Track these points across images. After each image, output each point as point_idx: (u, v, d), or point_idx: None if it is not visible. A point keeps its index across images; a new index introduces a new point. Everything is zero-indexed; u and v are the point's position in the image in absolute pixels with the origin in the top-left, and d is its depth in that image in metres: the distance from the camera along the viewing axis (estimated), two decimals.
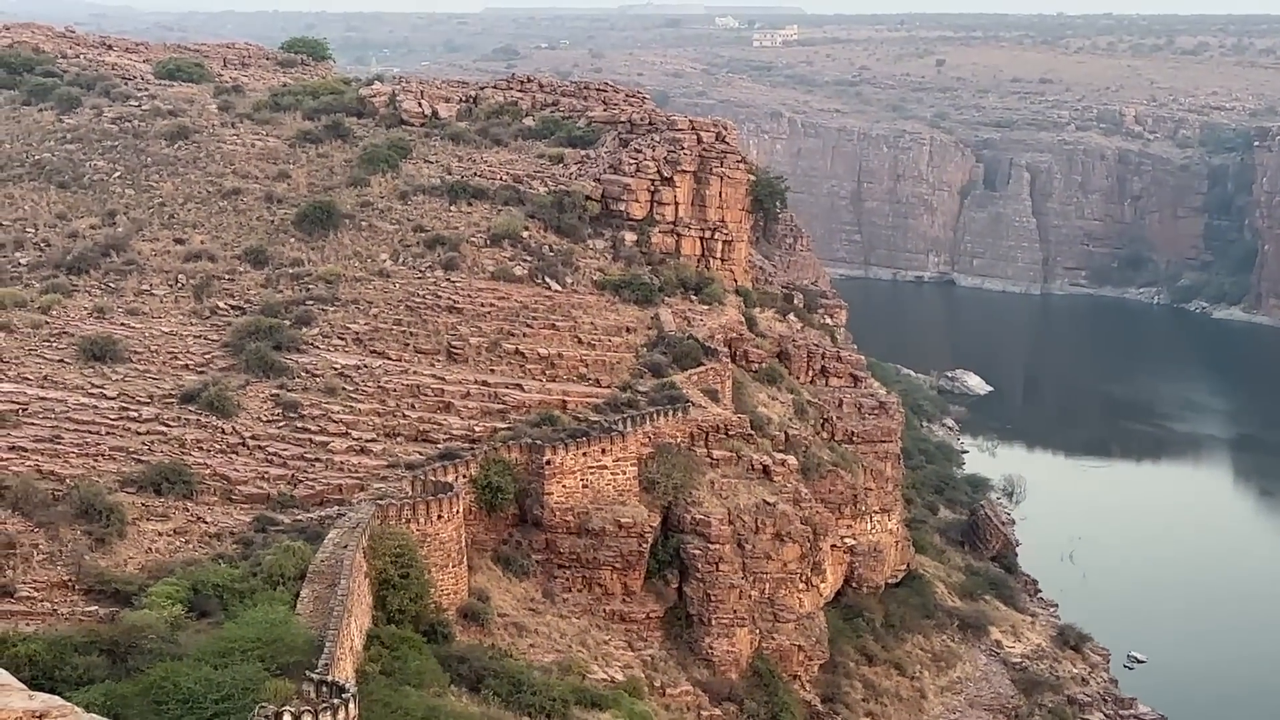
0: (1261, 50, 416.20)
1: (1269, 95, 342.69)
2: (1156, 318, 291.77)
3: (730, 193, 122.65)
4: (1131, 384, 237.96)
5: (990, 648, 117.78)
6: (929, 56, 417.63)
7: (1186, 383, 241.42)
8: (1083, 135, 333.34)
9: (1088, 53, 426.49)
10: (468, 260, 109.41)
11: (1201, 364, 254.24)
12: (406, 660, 70.35)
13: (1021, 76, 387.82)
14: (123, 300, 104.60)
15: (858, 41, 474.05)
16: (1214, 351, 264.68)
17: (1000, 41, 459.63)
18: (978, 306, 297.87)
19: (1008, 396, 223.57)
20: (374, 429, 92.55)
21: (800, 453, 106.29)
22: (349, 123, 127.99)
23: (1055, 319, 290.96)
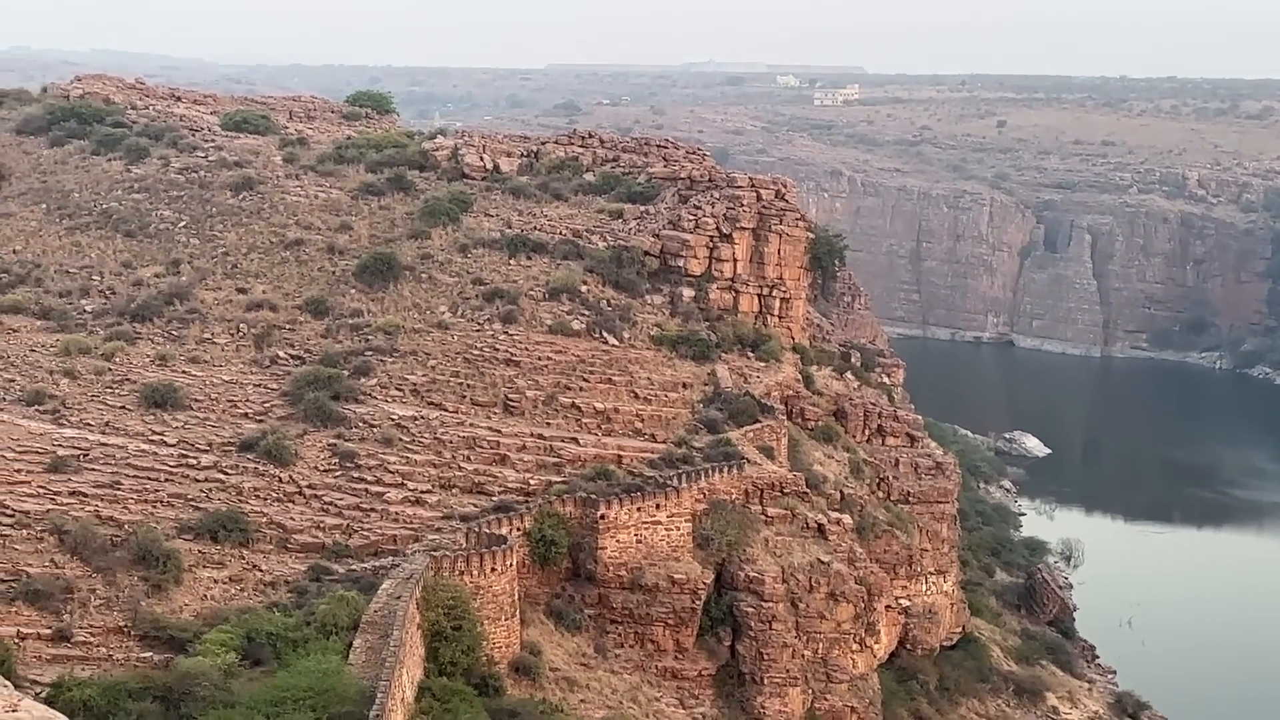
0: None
1: None
2: (1219, 382, 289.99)
3: (789, 250, 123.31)
4: (1193, 449, 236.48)
5: (1047, 714, 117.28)
6: (990, 117, 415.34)
7: (1249, 449, 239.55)
8: (1145, 198, 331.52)
9: (1150, 115, 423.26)
10: (526, 314, 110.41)
11: (1264, 429, 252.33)
12: (458, 713, 71.07)
13: (1083, 139, 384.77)
14: (185, 348, 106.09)
15: (919, 101, 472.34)
16: (1277, 418, 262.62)
17: (1063, 103, 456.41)
18: (1037, 368, 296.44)
19: (1066, 459, 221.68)
20: (429, 480, 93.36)
21: (855, 512, 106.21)
22: (411, 176, 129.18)
23: (1115, 382, 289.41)
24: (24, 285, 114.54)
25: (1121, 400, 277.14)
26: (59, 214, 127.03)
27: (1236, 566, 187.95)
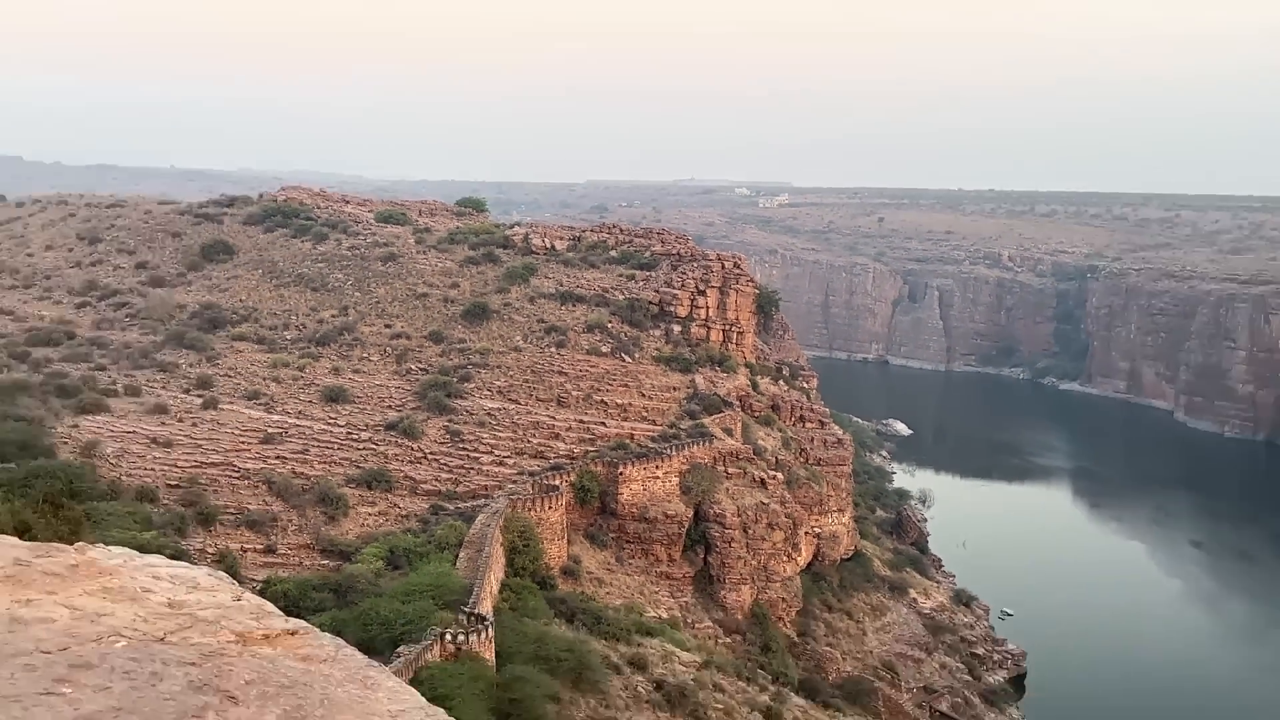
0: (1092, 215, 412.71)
1: (1095, 244, 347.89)
2: (1021, 388, 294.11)
3: (742, 301, 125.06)
4: (1004, 431, 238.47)
5: (909, 603, 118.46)
6: (874, 215, 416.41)
7: (1041, 432, 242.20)
8: (974, 268, 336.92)
9: (978, 214, 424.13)
10: (571, 341, 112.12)
11: (1051, 419, 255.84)
12: (526, 601, 74.01)
13: (934, 230, 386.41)
14: (350, 364, 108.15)
15: (827, 204, 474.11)
16: (1060, 412, 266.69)
17: (920, 206, 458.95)
18: (904, 378, 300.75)
19: (922, 437, 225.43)
20: (508, 449, 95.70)
21: (786, 471, 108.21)
22: (498, 252, 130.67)
23: (954, 387, 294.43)
24: (246, 322, 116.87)
25: (958, 399, 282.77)
26: (269, 276, 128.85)
27: (1035, 507, 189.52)
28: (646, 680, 70.11)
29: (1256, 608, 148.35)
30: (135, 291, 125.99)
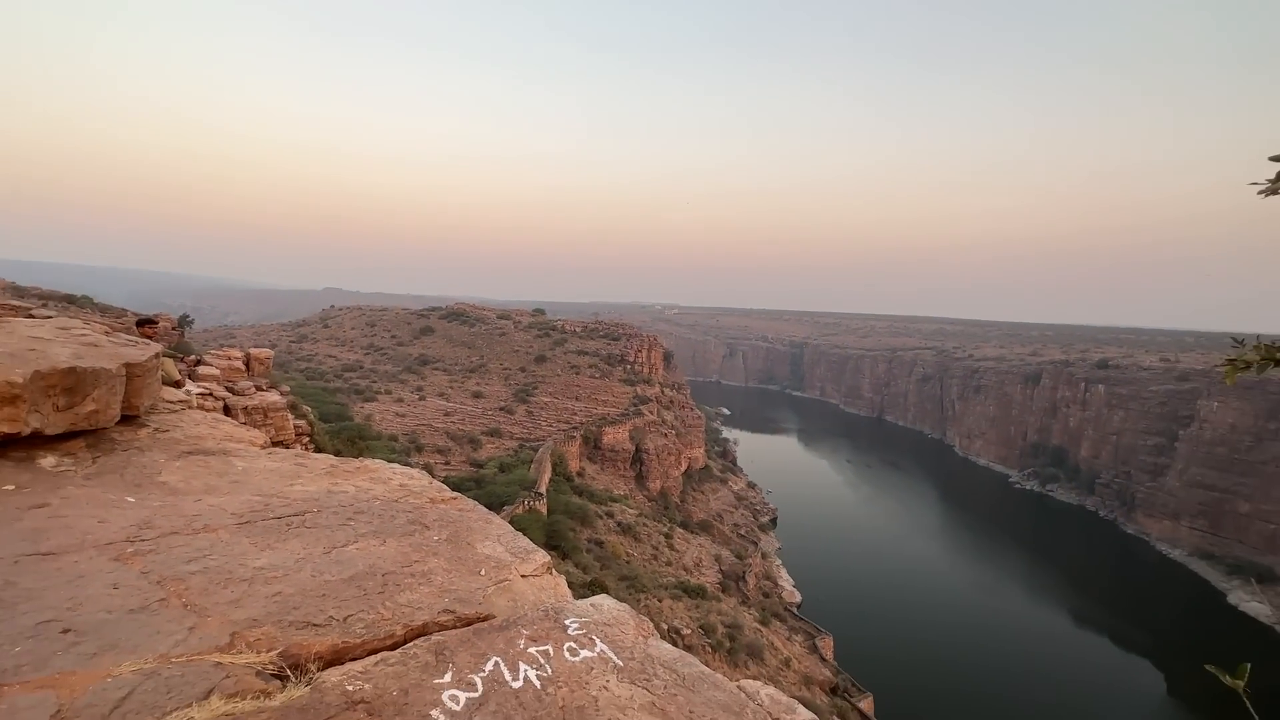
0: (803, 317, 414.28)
1: (804, 332, 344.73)
2: (777, 394, 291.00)
3: (657, 354, 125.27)
4: (769, 413, 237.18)
5: (729, 486, 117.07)
6: (715, 319, 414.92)
7: (785, 412, 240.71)
8: (756, 342, 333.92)
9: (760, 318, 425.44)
10: (582, 372, 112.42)
11: (789, 408, 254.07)
12: (560, 487, 73.31)
13: (742, 325, 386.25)
14: (485, 381, 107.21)
15: (696, 310, 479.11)
16: (793, 404, 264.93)
17: (735, 314, 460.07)
18: (729, 390, 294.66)
19: (736, 415, 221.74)
20: (554, 420, 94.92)
21: (675, 429, 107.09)
22: (550, 332, 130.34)
23: (750, 394, 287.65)
24: (439, 362, 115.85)
25: (754, 399, 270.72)
26: (449, 342, 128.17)
27: (785, 443, 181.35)
28: (614, 521, 70.69)
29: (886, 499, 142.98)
30: (389, 348, 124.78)
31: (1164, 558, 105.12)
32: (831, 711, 47.92)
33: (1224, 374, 2.91)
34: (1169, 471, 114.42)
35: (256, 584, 3.48)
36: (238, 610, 3.21)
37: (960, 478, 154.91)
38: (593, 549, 60.84)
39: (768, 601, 70.50)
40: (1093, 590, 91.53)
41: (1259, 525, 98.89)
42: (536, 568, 4.30)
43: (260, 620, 3.14)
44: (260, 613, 3.21)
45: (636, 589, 53.26)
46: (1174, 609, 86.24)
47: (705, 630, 49.99)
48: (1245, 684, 2.61)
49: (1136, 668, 72.87)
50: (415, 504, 5.03)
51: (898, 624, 77.59)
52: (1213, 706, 61.42)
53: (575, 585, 43.11)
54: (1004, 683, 66.73)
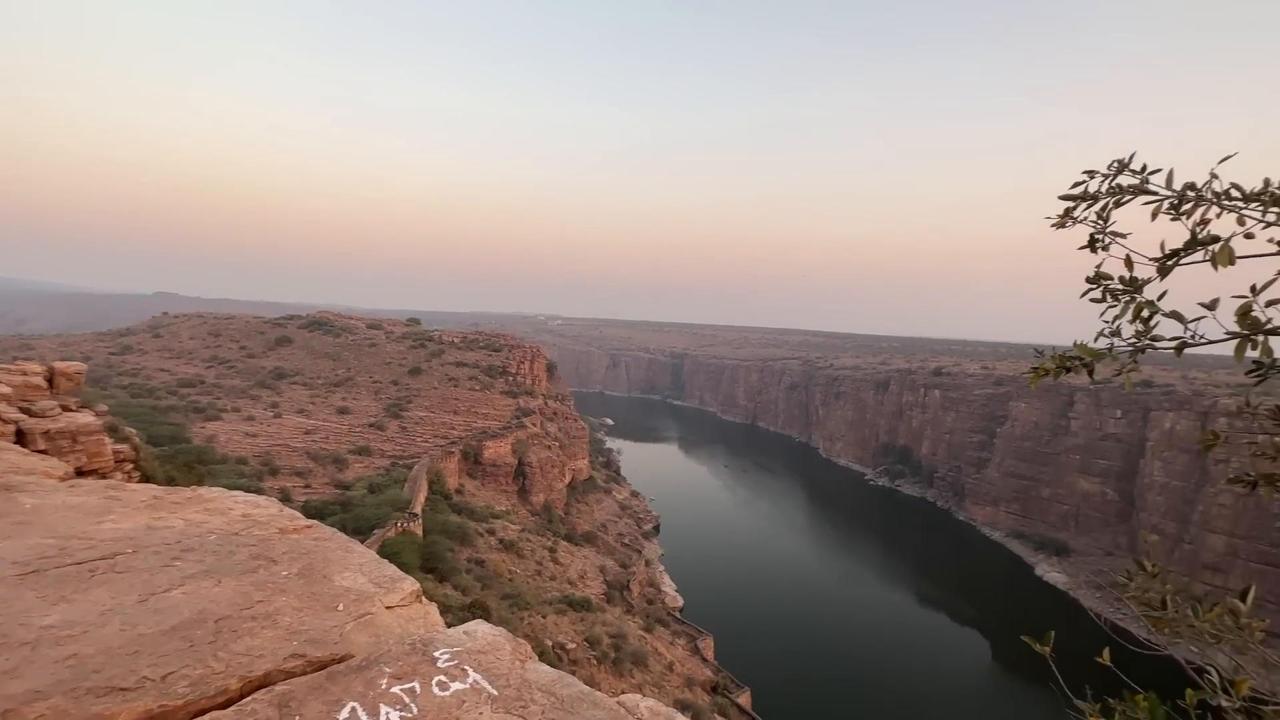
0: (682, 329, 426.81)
1: (685, 344, 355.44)
2: (659, 403, 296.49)
3: (540, 365, 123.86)
4: (651, 421, 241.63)
5: (613, 496, 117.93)
6: (599, 330, 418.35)
7: (668, 422, 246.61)
8: (639, 353, 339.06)
9: (644, 330, 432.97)
10: (461, 384, 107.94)
11: (671, 417, 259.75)
12: (437, 506, 69.81)
13: (625, 337, 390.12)
14: (352, 395, 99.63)
15: (579, 321, 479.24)
16: (674, 413, 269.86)
17: (618, 324, 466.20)
18: (613, 400, 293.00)
19: (619, 425, 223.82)
20: (430, 435, 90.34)
21: (559, 440, 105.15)
22: (426, 343, 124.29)
23: (633, 403, 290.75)
24: (299, 375, 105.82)
25: (637, 407, 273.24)
26: (310, 354, 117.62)
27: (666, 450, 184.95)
28: (496, 539, 68.42)
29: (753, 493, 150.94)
30: (237, 360, 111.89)
31: (987, 539, 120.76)
32: (713, 710, 49.53)
33: (1029, 379, 3.35)
34: (989, 464, 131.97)
35: (43, 646, 2.89)
36: (14, 682, 2.63)
37: (824, 477, 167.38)
38: (473, 569, 58.32)
39: (651, 608, 71.59)
40: (933, 573, 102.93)
41: (1056, 506, 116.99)
42: (404, 597, 3.99)
43: (46, 691, 2.60)
44: (46, 681, 2.65)
45: (520, 607, 51.80)
46: (995, 584, 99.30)
47: (590, 642, 49.69)
48: (1050, 649, 3.03)
49: (967, 638, 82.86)
50: (261, 536, 4.56)
51: (772, 618, 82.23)
52: (1028, 667, 71.45)
53: (454, 608, 40.96)
54: (863, 662, 72.96)
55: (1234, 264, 2.66)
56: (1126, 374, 3.12)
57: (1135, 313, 2.93)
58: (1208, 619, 2.54)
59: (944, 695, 67.53)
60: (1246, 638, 2.47)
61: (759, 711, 54.01)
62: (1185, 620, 2.59)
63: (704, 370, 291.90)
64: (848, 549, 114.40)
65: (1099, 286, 3.06)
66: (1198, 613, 2.57)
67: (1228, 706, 2.28)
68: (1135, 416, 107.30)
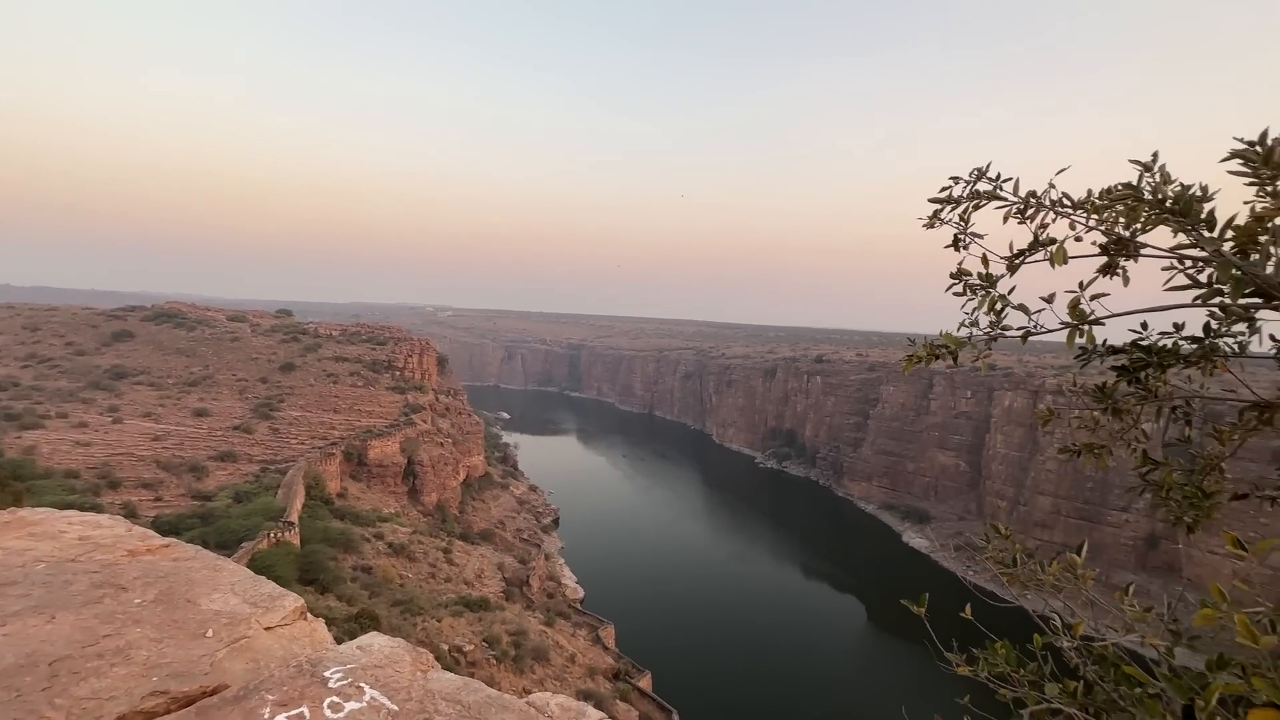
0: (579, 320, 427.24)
1: (582, 335, 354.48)
2: (556, 396, 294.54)
3: (430, 359, 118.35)
4: (549, 414, 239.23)
5: (510, 492, 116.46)
6: (493, 321, 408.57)
7: (566, 414, 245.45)
8: (535, 345, 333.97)
9: (540, 321, 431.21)
10: (341, 380, 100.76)
11: (568, 409, 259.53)
12: (317, 512, 65.18)
13: (521, 329, 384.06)
14: (211, 395, 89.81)
15: (472, 312, 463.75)
16: (571, 405, 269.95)
17: (513, 316, 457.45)
18: (509, 394, 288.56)
19: (516, 418, 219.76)
20: (307, 435, 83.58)
21: (453, 437, 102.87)
22: (300, 336, 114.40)
23: (530, 396, 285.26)
24: (145, 374, 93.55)
25: (531, 402, 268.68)
26: (158, 350, 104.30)
27: (564, 442, 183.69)
28: (384, 543, 64.93)
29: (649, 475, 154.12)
30: (63, 358, 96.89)
31: (862, 512, 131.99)
32: (614, 697, 50.33)
33: (904, 365, 3.65)
34: (864, 444, 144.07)
35: None
36: None
37: (717, 462, 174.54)
38: (360, 577, 54.91)
39: (552, 602, 71.26)
40: (816, 546, 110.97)
41: (919, 479, 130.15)
42: (286, 615, 3.68)
43: None
44: None
45: (413, 612, 49.57)
46: (869, 552, 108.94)
47: (490, 643, 48.62)
48: (924, 609, 3.36)
49: (846, 603, 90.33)
50: (105, 560, 4.02)
51: (672, 601, 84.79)
52: (899, 625, 79.16)
53: (338, 621, 38.41)
54: (756, 634, 77.30)
55: (1067, 263, 3.07)
56: (982, 359, 3.51)
57: (990, 305, 3.30)
58: (1051, 572, 2.95)
59: (829, 658, 73.24)
60: (1081, 585, 2.90)
61: (660, 692, 55.65)
62: (1033, 575, 3.00)
63: (601, 361, 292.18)
64: (740, 529, 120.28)
65: (960, 282, 3.42)
66: (1043, 567, 2.98)
67: (1067, 646, 2.66)
68: (982, 396, 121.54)
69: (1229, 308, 2.69)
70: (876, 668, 70.68)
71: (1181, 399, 3.24)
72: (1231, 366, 2.92)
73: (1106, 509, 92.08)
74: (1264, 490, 3.07)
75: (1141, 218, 2.97)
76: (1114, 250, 3.06)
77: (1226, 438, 3.18)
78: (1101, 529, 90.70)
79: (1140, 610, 2.70)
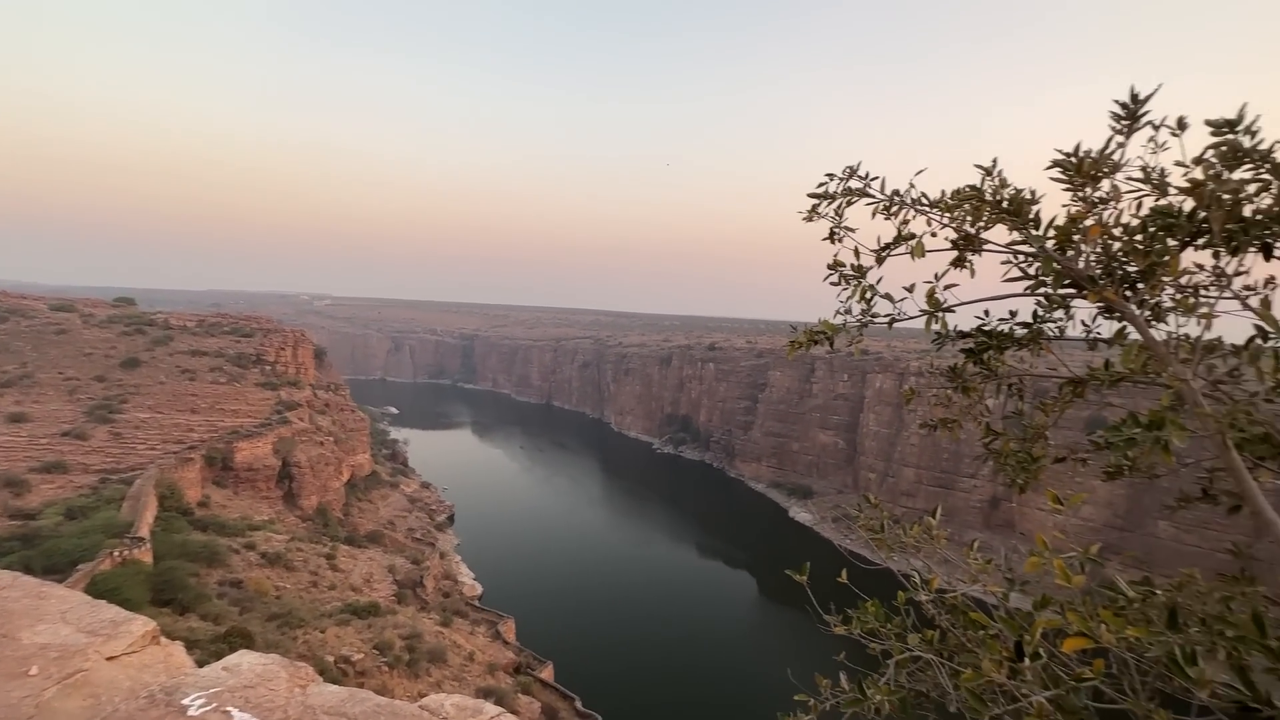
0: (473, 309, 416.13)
1: (475, 325, 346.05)
2: (449, 388, 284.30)
3: (305, 352, 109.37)
4: (441, 408, 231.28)
5: (400, 491, 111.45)
6: (377, 310, 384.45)
7: (458, 406, 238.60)
8: (424, 335, 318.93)
9: (430, 310, 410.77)
10: (200, 377, 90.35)
11: (462, 401, 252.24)
12: (173, 524, 58.79)
13: (410, 318, 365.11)
14: (30, 398, 77.17)
15: (354, 301, 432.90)
16: (464, 397, 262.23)
17: (399, 305, 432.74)
18: (397, 387, 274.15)
19: (405, 413, 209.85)
20: (159, 440, 74.34)
21: (334, 435, 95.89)
22: (146, 328, 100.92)
23: (421, 389, 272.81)
24: None
25: (421, 396, 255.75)
26: None
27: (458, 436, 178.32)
28: (256, 554, 59.53)
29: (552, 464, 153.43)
30: None
31: (752, 491, 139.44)
32: (516, 690, 49.76)
33: (787, 351, 3.87)
34: (754, 426, 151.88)
35: None
36: None
37: (616, 450, 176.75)
38: (228, 592, 49.98)
39: (448, 601, 68.97)
40: (710, 526, 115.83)
41: (803, 457, 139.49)
42: (133, 642, 3.27)
43: None
44: None
45: (292, 625, 45.96)
46: (759, 528, 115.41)
47: (381, 649, 46.24)
48: (806, 577, 3.63)
49: (739, 578, 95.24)
50: None
51: (573, 590, 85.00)
52: (786, 594, 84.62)
53: (203, 643, 34.83)
54: (655, 615, 79.52)
55: (925, 256, 3.40)
56: (855, 345, 3.81)
57: (861, 294, 3.58)
58: (912, 535, 3.29)
59: (724, 631, 76.96)
60: (937, 545, 3.26)
61: (563, 680, 55.79)
62: (898, 539, 3.33)
63: (497, 351, 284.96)
64: (639, 514, 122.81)
65: (836, 272, 3.67)
66: (905, 531, 3.32)
67: (925, 600, 2.98)
68: (857, 379, 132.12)
69: (1051, 297, 3.11)
70: (766, 635, 75.26)
71: (1016, 377, 3.71)
72: (1054, 348, 3.38)
73: (959, 476, 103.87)
74: (1077, 453, 3.59)
75: (984, 217, 3.34)
76: (962, 245, 3.43)
77: (1050, 410, 3.69)
78: (955, 494, 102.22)
79: (983, 562, 3.08)
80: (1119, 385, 3.03)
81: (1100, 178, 3.07)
